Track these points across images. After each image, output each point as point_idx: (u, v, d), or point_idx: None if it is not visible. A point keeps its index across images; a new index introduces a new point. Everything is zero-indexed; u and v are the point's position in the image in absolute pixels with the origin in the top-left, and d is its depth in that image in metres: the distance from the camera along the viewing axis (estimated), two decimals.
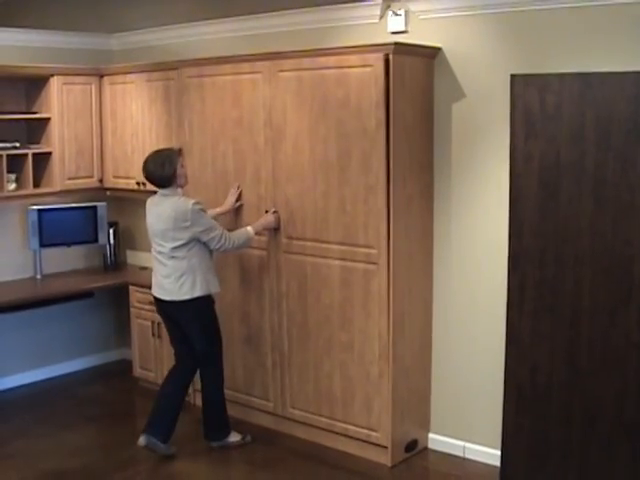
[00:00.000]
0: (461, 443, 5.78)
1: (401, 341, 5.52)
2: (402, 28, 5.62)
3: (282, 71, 5.69)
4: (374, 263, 5.42)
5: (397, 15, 5.63)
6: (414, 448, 5.80)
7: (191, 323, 5.76)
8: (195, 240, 5.57)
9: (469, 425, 5.72)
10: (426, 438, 5.92)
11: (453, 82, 5.47)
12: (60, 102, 6.96)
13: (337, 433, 5.89)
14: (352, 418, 5.78)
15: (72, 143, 7.08)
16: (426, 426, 5.91)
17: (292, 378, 6.05)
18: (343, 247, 5.58)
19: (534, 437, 5.07)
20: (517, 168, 4.92)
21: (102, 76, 7.19)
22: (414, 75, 5.38)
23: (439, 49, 5.48)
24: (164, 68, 6.58)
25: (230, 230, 5.83)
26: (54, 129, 6.98)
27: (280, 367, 6.12)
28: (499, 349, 5.19)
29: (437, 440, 5.89)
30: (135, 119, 6.94)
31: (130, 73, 6.94)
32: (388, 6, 5.69)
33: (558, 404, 4.93)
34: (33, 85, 7.07)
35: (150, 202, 5.77)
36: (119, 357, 8.02)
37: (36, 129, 7.10)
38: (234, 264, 6.27)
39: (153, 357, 6.99)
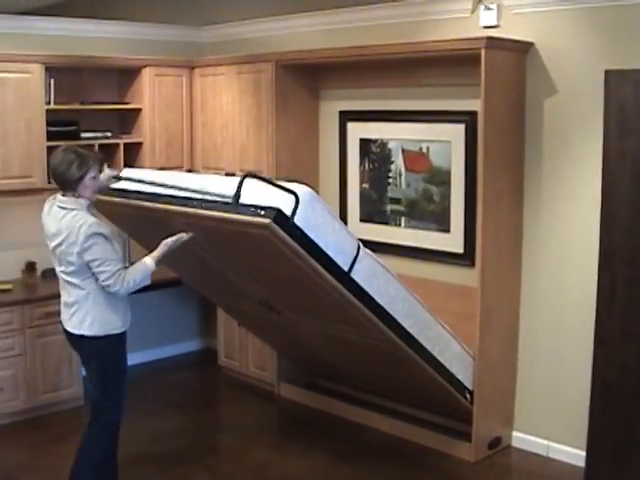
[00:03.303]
0: (545, 442, 5.72)
1: (488, 337, 5.48)
2: (494, 22, 5.58)
3: None
4: None
5: (489, 9, 5.59)
6: (497, 445, 5.76)
7: (89, 361, 4.77)
8: (88, 269, 4.54)
9: (554, 424, 5.65)
10: (510, 436, 5.87)
11: (545, 77, 5.41)
12: (152, 93, 7.08)
13: (419, 427, 5.90)
14: (436, 412, 5.78)
15: (162, 134, 7.18)
16: (510, 424, 5.86)
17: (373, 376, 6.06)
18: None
19: (620, 439, 4.97)
20: (610, 165, 4.84)
21: (193, 68, 7.27)
22: (506, 70, 5.34)
23: (531, 44, 5.42)
24: (255, 60, 6.63)
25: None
26: (145, 120, 7.09)
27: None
28: (587, 348, 5.11)
29: (521, 438, 5.84)
30: (225, 111, 6.99)
31: (221, 65, 7.00)
32: (480, 0, 5.65)
33: None
34: (125, 76, 7.21)
35: (46, 210, 4.71)
36: (204, 346, 8.11)
37: (128, 119, 7.23)
38: None
39: (238, 347, 7.08)
